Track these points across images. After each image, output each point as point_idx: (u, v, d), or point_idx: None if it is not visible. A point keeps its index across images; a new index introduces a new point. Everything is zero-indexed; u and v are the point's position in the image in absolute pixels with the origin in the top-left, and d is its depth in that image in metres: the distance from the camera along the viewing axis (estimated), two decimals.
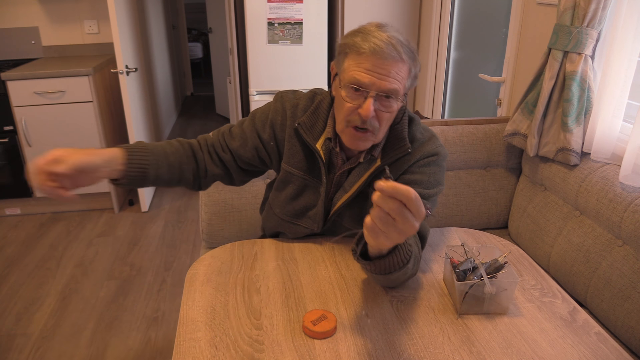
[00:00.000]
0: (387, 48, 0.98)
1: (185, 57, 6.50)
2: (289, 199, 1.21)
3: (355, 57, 1.01)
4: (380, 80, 0.99)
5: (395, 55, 0.98)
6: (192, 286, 1.04)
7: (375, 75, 0.99)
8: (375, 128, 1.04)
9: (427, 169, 1.13)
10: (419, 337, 0.90)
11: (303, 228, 1.21)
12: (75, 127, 2.94)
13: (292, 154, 1.17)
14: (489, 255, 1.02)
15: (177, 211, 3.18)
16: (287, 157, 1.18)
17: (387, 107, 1.02)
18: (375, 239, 0.77)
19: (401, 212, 0.71)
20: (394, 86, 1.00)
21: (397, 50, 0.99)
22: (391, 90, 0.99)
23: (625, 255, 1.27)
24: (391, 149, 1.12)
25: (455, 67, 2.72)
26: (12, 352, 1.93)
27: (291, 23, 2.70)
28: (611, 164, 1.43)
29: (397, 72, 1.00)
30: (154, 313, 2.17)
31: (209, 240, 1.62)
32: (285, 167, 1.18)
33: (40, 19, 3.28)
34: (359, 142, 1.06)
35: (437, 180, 1.14)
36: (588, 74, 1.47)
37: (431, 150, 1.13)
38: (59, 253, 2.67)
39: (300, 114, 1.16)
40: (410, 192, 0.70)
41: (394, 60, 0.99)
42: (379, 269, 0.92)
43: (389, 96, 1.00)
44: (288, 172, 1.18)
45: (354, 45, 1.01)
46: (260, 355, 0.85)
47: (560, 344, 0.88)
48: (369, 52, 0.98)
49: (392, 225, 0.73)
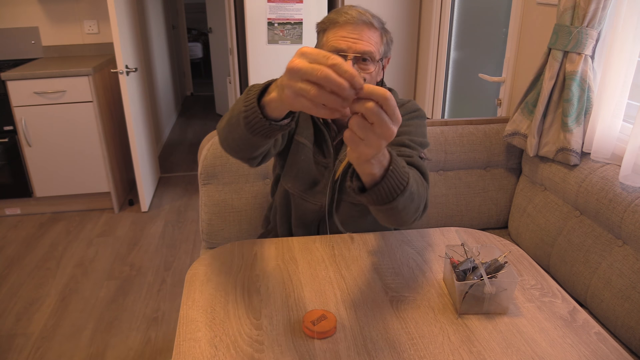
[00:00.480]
0: (359, 16, 1.14)
1: (185, 57, 6.50)
2: (300, 172, 1.25)
3: (332, 30, 1.16)
4: (356, 44, 1.13)
5: (367, 20, 1.14)
6: (192, 286, 1.04)
7: (350, 40, 1.13)
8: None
9: (412, 122, 1.24)
10: (419, 337, 0.90)
11: (312, 204, 1.27)
12: (75, 127, 2.94)
13: (304, 127, 1.25)
14: (489, 255, 1.02)
15: (177, 211, 3.18)
16: (300, 129, 1.25)
17: (365, 69, 1.15)
18: (355, 149, 0.75)
19: (378, 114, 0.69)
20: (369, 48, 1.14)
21: (367, 17, 1.14)
22: (366, 52, 1.13)
23: (625, 255, 1.27)
24: None
25: (455, 67, 2.72)
26: (12, 352, 1.93)
27: (291, 23, 2.70)
28: (611, 164, 1.43)
29: (370, 36, 1.15)
30: (154, 313, 2.17)
31: (209, 240, 1.62)
32: (298, 138, 1.25)
33: (40, 19, 3.28)
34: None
35: (423, 132, 1.25)
36: (588, 74, 1.47)
37: (413, 107, 1.27)
38: (59, 253, 2.67)
39: None
40: (385, 92, 0.68)
41: (366, 25, 1.14)
42: (380, 198, 0.88)
43: (365, 59, 1.14)
44: (300, 144, 1.24)
45: (329, 21, 1.17)
46: (260, 355, 0.85)
47: (560, 343, 0.88)
48: (342, 22, 1.14)
49: (370, 130, 0.71)
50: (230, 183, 1.59)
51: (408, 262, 1.13)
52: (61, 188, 3.07)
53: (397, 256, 1.15)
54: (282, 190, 1.32)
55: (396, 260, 1.14)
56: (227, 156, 1.56)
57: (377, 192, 0.87)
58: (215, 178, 1.58)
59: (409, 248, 1.19)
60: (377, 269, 1.10)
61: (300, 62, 0.67)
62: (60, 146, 2.97)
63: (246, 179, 1.60)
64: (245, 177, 1.60)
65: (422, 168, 1.10)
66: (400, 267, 1.11)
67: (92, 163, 3.05)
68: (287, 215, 1.35)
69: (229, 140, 1.00)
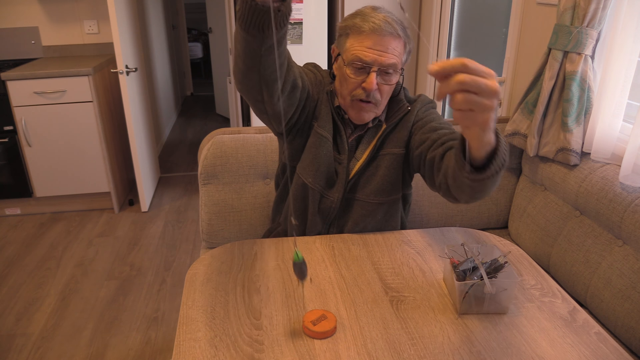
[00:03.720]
0: (385, 26, 1.10)
1: (185, 57, 6.50)
2: (321, 167, 1.24)
3: (356, 36, 1.12)
4: (381, 57, 1.11)
5: (393, 31, 1.11)
6: (192, 286, 1.04)
7: (376, 53, 1.10)
8: (378, 100, 1.17)
9: (430, 112, 1.26)
10: (419, 337, 0.90)
11: (329, 200, 1.26)
12: (75, 127, 2.94)
13: (325, 120, 1.24)
14: (489, 255, 1.02)
15: (177, 211, 3.18)
16: (322, 122, 1.24)
17: (388, 81, 1.15)
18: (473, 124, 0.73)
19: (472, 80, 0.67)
20: (393, 61, 1.12)
21: (394, 28, 1.11)
22: (391, 64, 1.12)
23: (625, 255, 1.27)
24: (393, 111, 1.26)
25: None
26: (12, 352, 1.93)
27: (291, 23, 2.70)
28: (611, 164, 1.43)
29: (395, 47, 1.12)
30: (154, 313, 2.17)
31: (209, 240, 1.62)
32: (319, 130, 1.24)
33: (40, 19, 3.28)
34: (363, 113, 1.19)
35: (442, 117, 1.26)
36: (588, 74, 1.47)
37: (426, 100, 1.28)
38: (59, 253, 2.67)
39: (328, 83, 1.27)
40: (460, 59, 0.67)
41: (392, 36, 1.11)
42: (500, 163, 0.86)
43: (389, 71, 1.13)
44: (322, 137, 1.24)
45: (354, 26, 1.12)
46: (260, 355, 0.85)
47: (560, 343, 0.88)
48: (368, 31, 1.10)
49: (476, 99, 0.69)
50: (230, 183, 1.59)
51: (408, 262, 1.13)
52: (61, 188, 3.07)
53: (397, 256, 1.16)
54: (300, 183, 1.27)
55: (396, 260, 1.14)
56: (227, 156, 1.56)
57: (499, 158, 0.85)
58: (215, 178, 1.58)
59: (409, 248, 1.19)
60: (377, 269, 1.10)
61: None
62: (60, 146, 2.97)
63: (246, 179, 1.60)
64: (245, 177, 1.60)
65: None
66: (400, 267, 1.11)
67: (92, 163, 3.05)
68: (302, 208, 1.31)
69: (240, 68, 0.99)
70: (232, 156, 1.56)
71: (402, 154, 1.25)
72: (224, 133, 1.59)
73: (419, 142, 1.20)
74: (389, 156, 1.25)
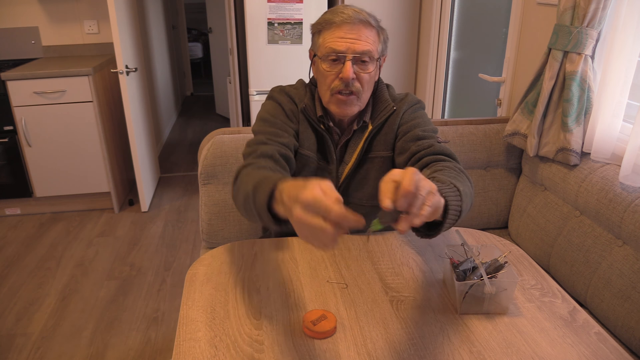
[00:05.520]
0: (355, 15, 1.12)
1: (185, 57, 6.50)
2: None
3: (328, 30, 1.14)
4: (354, 44, 1.11)
5: (363, 19, 1.12)
6: (192, 286, 1.04)
7: (349, 41, 1.11)
8: (359, 90, 1.15)
9: (417, 114, 1.24)
10: (419, 337, 0.90)
11: None
12: (75, 127, 2.94)
13: (305, 138, 1.24)
14: (489, 255, 1.02)
15: (177, 211, 3.18)
16: (302, 141, 1.24)
17: (364, 69, 1.14)
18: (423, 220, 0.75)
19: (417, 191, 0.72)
20: (367, 47, 1.12)
21: (364, 16, 1.12)
22: (365, 51, 1.12)
23: (625, 255, 1.27)
24: (378, 112, 1.24)
25: (455, 67, 2.72)
26: (12, 352, 1.93)
27: (291, 23, 2.70)
28: (611, 164, 1.43)
29: (368, 35, 1.13)
30: (154, 313, 2.17)
31: (209, 240, 1.62)
32: (301, 151, 1.24)
33: (40, 19, 3.28)
34: (346, 106, 1.17)
35: (429, 120, 1.25)
36: (588, 74, 1.47)
37: (413, 100, 1.26)
38: (59, 253, 2.67)
39: (302, 98, 1.25)
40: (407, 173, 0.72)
41: (363, 24, 1.12)
42: (453, 220, 0.89)
43: (364, 60, 1.13)
44: (304, 156, 1.24)
45: (325, 21, 1.15)
46: (260, 355, 0.85)
47: (560, 343, 0.88)
48: (339, 22, 1.12)
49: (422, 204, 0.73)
50: (230, 183, 1.59)
51: (408, 262, 1.13)
52: (61, 188, 3.07)
53: (397, 256, 1.16)
54: None
55: (396, 260, 1.14)
56: (227, 156, 1.56)
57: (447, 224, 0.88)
58: (215, 178, 1.58)
59: (409, 248, 1.19)
60: (377, 269, 1.10)
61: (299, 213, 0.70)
62: (60, 146, 2.97)
63: None
64: None
65: (446, 151, 1.12)
66: (400, 267, 1.11)
67: (92, 163, 3.05)
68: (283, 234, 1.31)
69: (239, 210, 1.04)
70: (232, 156, 1.56)
71: (391, 157, 1.25)
72: (224, 133, 1.59)
73: (400, 150, 1.20)
74: (378, 159, 1.25)
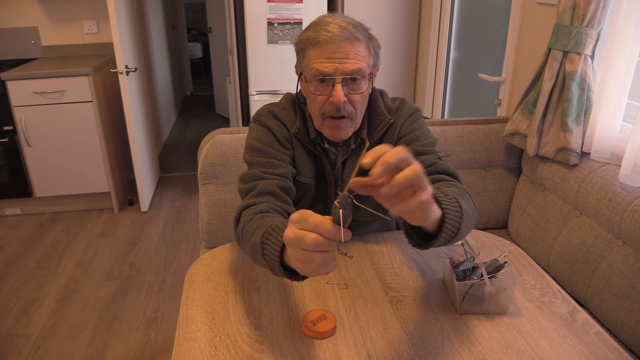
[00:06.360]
0: (340, 32, 1.00)
1: (185, 57, 6.50)
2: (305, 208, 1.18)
3: (312, 50, 1.03)
4: (343, 65, 1.00)
5: (349, 36, 1.00)
6: (192, 286, 1.04)
7: (336, 61, 1.00)
8: (351, 113, 1.06)
9: (415, 125, 1.16)
10: (419, 337, 0.90)
11: None
12: (75, 127, 2.94)
13: (302, 164, 1.16)
14: (489, 255, 1.02)
15: (177, 211, 3.18)
16: (299, 168, 1.16)
17: (356, 89, 1.04)
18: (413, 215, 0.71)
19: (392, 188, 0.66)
20: (357, 66, 1.01)
21: (350, 32, 1.01)
22: (355, 70, 1.01)
23: (625, 255, 1.27)
24: (374, 126, 1.16)
25: (455, 67, 2.72)
26: (12, 352, 1.93)
27: (291, 23, 2.70)
28: (611, 163, 1.43)
29: (357, 52, 1.02)
30: (154, 313, 2.17)
31: (208, 240, 1.62)
32: (299, 179, 1.16)
33: (40, 19, 3.28)
34: (339, 131, 1.08)
35: (428, 130, 1.17)
36: (588, 74, 1.48)
37: (409, 110, 1.17)
38: (59, 253, 2.67)
39: (294, 121, 1.17)
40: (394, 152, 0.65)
41: (350, 41, 1.01)
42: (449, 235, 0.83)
43: (355, 78, 1.02)
44: (303, 184, 1.17)
45: (308, 40, 1.03)
46: (260, 355, 0.85)
47: (560, 343, 0.88)
48: (323, 41, 1.00)
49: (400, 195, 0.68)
50: (230, 183, 1.59)
51: (408, 262, 1.13)
52: (61, 188, 3.07)
53: (397, 256, 1.15)
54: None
55: (396, 260, 1.14)
56: (227, 156, 1.56)
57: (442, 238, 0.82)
58: (215, 178, 1.58)
59: (409, 248, 1.19)
60: (377, 269, 1.10)
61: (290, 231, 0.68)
62: (60, 146, 2.97)
63: None
64: None
65: (449, 169, 1.06)
66: (400, 267, 1.11)
67: (92, 163, 3.05)
68: None
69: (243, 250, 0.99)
70: (232, 156, 1.56)
71: None
72: (224, 133, 1.59)
73: None
74: None
